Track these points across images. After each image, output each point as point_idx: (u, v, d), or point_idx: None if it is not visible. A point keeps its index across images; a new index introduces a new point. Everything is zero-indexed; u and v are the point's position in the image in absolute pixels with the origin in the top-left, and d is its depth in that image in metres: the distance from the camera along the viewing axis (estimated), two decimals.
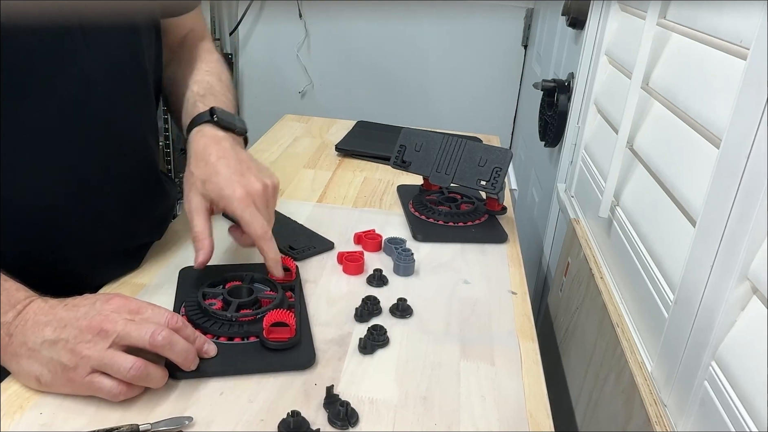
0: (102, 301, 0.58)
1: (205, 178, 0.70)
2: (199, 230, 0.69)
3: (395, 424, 0.57)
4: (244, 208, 0.68)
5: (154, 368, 0.56)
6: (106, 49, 0.67)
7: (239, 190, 0.68)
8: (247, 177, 0.70)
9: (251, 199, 0.69)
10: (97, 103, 0.67)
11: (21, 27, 0.60)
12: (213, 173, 0.70)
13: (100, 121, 0.68)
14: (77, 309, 0.57)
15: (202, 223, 0.69)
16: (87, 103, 0.66)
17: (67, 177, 0.67)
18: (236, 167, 0.71)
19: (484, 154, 0.95)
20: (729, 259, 0.54)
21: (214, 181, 0.69)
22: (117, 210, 0.73)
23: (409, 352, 0.67)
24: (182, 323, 0.59)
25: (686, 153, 0.72)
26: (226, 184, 0.69)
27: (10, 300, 0.57)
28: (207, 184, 0.69)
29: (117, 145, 0.70)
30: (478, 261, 0.87)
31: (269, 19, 2.55)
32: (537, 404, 0.61)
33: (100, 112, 0.67)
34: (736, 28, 0.63)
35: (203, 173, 0.70)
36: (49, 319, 0.56)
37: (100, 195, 0.70)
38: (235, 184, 0.69)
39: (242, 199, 0.68)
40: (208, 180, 0.69)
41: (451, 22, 2.42)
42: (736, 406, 0.50)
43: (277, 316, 0.63)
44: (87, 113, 0.66)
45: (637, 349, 0.73)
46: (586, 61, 1.17)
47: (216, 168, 0.70)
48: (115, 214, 0.73)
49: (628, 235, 0.85)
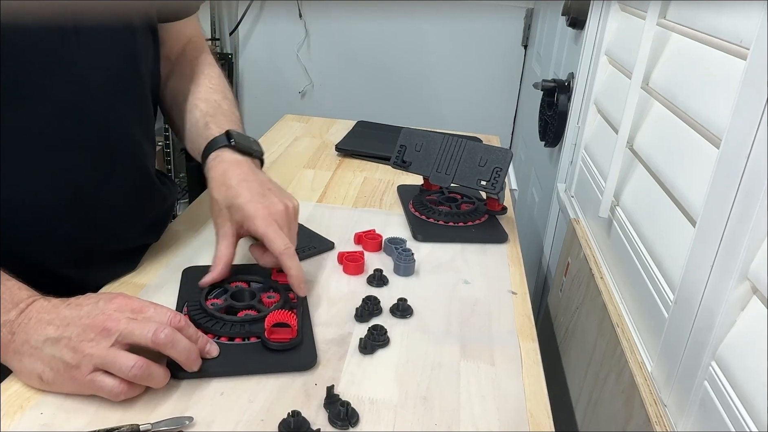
0: (105, 300, 0.58)
1: (228, 203, 0.71)
2: (219, 255, 0.70)
3: (395, 424, 0.57)
4: (266, 226, 0.69)
5: (156, 368, 0.56)
6: (102, 51, 0.67)
7: (262, 210, 0.70)
8: (269, 198, 0.72)
9: (273, 219, 0.70)
10: (93, 105, 0.67)
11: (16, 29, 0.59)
12: (235, 196, 0.71)
13: (96, 124, 0.67)
14: (80, 308, 0.57)
15: (224, 249, 0.70)
16: (83, 106, 0.66)
17: (63, 179, 0.66)
18: (258, 189, 0.72)
19: (485, 154, 0.95)
20: (729, 259, 0.54)
21: (236, 204, 0.70)
22: (113, 212, 0.73)
23: (409, 352, 0.67)
24: (185, 322, 0.59)
25: (686, 153, 0.72)
26: (249, 205, 0.70)
27: (12, 298, 0.57)
28: (231, 208, 0.71)
29: (113, 148, 0.70)
30: (478, 261, 0.87)
31: (269, 19, 2.55)
32: (537, 404, 0.61)
33: (96, 114, 0.67)
34: (736, 28, 0.63)
35: (226, 198, 0.71)
36: (52, 317, 0.56)
37: (96, 197, 0.70)
38: (257, 205, 0.70)
39: (265, 217, 0.69)
40: (232, 204, 0.71)
41: (451, 22, 2.42)
42: (736, 406, 0.50)
43: (279, 316, 0.63)
44: (83, 116, 0.66)
45: (637, 349, 0.73)
46: (586, 61, 1.17)
47: (238, 191, 0.71)
48: (110, 217, 0.73)
49: (628, 235, 0.85)
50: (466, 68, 2.49)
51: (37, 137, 0.64)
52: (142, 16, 0.74)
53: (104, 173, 0.70)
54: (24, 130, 0.63)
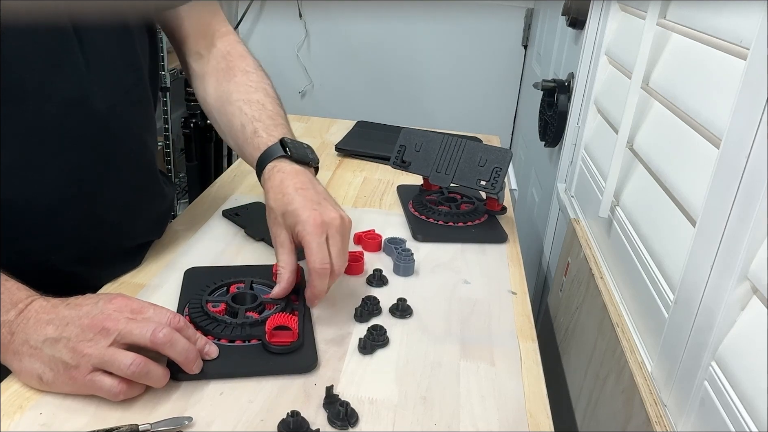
0: (104, 300, 0.58)
1: (283, 210, 0.70)
2: (282, 264, 0.69)
3: (395, 424, 0.57)
4: (314, 236, 0.67)
5: (154, 366, 0.56)
6: (101, 49, 0.67)
7: (317, 217, 0.68)
8: (325, 206, 0.70)
9: (325, 229, 0.68)
10: (95, 104, 0.67)
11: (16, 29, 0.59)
12: (289, 203, 0.70)
13: (97, 122, 0.67)
14: (80, 308, 0.57)
15: (285, 258, 0.69)
16: (85, 105, 0.66)
17: (65, 177, 0.67)
18: (313, 197, 0.71)
19: (484, 154, 0.95)
20: (729, 259, 0.54)
21: (290, 210, 0.69)
22: (115, 210, 0.73)
23: (409, 352, 0.67)
24: (184, 323, 0.59)
25: (686, 153, 0.72)
26: (303, 210, 0.69)
27: (11, 298, 0.57)
28: (286, 215, 0.70)
29: (114, 146, 0.70)
30: (478, 261, 0.87)
31: (269, 19, 2.55)
32: (537, 404, 0.61)
33: (97, 113, 0.67)
34: (736, 28, 0.63)
35: (281, 205, 0.70)
36: (51, 317, 0.56)
37: (98, 195, 0.70)
38: (312, 211, 0.68)
39: (318, 226, 0.67)
40: (286, 211, 0.70)
41: (451, 22, 2.42)
42: (736, 406, 0.50)
43: (279, 319, 0.63)
44: (85, 114, 0.66)
45: (637, 349, 0.73)
46: (586, 61, 1.17)
47: (292, 198, 0.70)
48: (113, 214, 0.73)
49: (628, 235, 0.85)
50: (466, 68, 2.49)
51: (39, 135, 0.64)
52: (140, 15, 0.74)
53: (108, 171, 0.70)
54: (26, 129, 0.63)
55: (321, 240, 0.67)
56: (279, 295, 0.68)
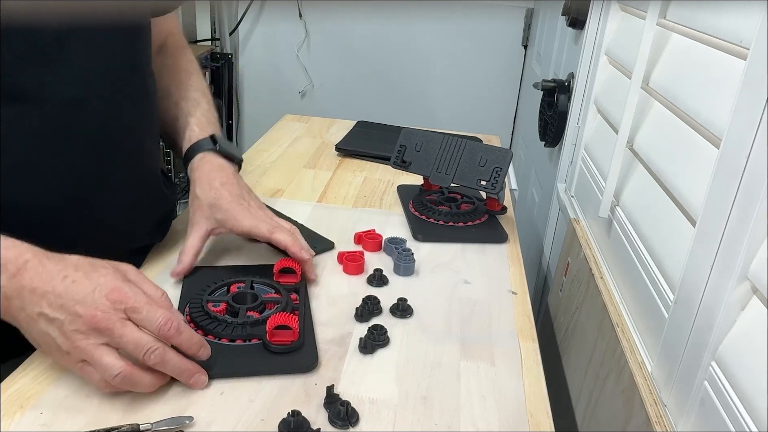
0: (101, 288, 0.56)
1: (211, 202, 0.76)
2: (188, 245, 0.76)
3: (395, 423, 0.57)
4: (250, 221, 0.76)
5: (142, 376, 0.55)
6: (103, 49, 0.67)
7: (243, 210, 0.76)
8: (249, 201, 0.79)
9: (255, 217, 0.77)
10: (95, 105, 0.67)
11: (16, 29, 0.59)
12: (218, 197, 0.77)
13: (98, 123, 0.67)
14: (76, 286, 0.55)
15: (194, 241, 0.76)
16: (84, 106, 0.66)
17: (66, 179, 0.66)
18: (238, 193, 0.79)
19: (484, 154, 0.95)
20: (729, 259, 0.54)
21: (219, 204, 0.76)
22: (117, 212, 0.73)
23: (409, 351, 0.67)
24: (176, 329, 0.57)
25: (686, 153, 0.72)
26: (232, 205, 0.76)
27: None
28: (213, 207, 0.76)
29: (116, 147, 0.70)
30: (478, 261, 0.87)
31: (269, 19, 2.55)
32: (537, 404, 0.61)
33: (98, 114, 0.67)
34: (736, 28, 0.63)
35: (209, 197, 0.77)
36: (46, 290, 0.55)
37: (100, 197, 0.70)
38: (239, 206, 0.77)
39: (247, 216, 0.76)
40: (214, 204, 0.76)
41: (451, 22, 2.42)
42: (736, 406, 0.50)
43: (280, 319, 0.63)
44: (85, 115, 0.66)
45: (637, 349, 0.73)
46: (586, 61, 1.17)
47: (221, 192, 0.77)
48: (114, 216, 0.73)
49: (628, 235, 0.85)
50: (466, 68, 2.49)
51: (40, 136, 0.64)
52: (139, 15, 0.74)
53: (108, 171, 0.70)
54: (27, 130, 0.63)
55: (254, 221, 0.76)
56: (176, 274, 0.75)
